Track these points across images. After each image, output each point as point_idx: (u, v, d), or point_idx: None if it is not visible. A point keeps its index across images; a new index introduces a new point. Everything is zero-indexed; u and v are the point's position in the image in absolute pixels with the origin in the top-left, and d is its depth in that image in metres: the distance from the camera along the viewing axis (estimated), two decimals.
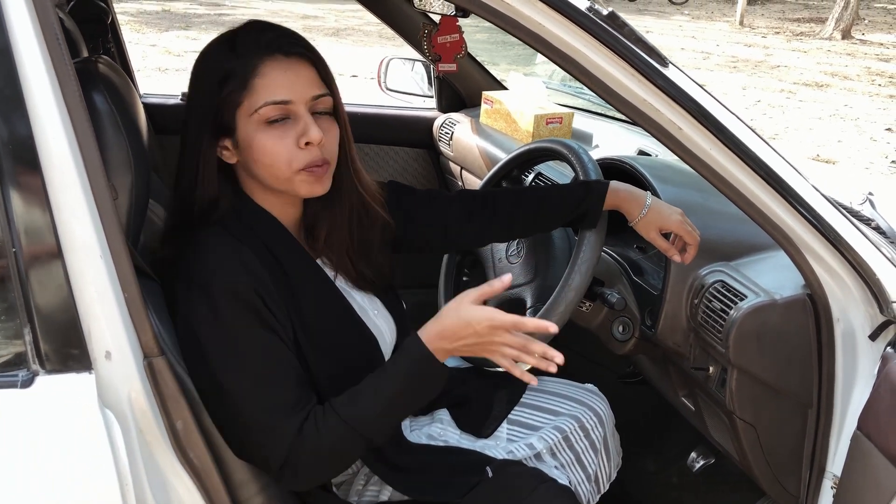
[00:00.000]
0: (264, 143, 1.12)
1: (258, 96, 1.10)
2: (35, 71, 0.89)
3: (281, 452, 1.08)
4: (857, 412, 1.29)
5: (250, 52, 1.11)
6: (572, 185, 1.47)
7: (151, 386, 0.97)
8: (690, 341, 1.49)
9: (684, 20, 17.85)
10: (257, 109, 1.10)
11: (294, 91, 1.12)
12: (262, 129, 1.12)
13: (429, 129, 2.59)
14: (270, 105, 1.10)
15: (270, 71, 1.11)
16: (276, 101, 1.10)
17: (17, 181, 0.88)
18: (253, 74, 1.10)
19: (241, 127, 1.12)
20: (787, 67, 11.57)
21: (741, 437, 1.43)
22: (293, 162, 1.13)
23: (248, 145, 1.13)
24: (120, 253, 0.94)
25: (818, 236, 1.26)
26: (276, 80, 1.11)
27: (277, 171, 1.14)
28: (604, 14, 1.13)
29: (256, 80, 1.10)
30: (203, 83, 1.14)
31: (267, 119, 1.11)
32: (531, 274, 1.57)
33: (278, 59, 1.11)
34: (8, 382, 0.89)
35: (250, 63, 1.10)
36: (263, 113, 1.11)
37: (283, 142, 1.12)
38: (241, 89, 1.11)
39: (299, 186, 1.16)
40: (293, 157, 1.13)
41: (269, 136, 1.11)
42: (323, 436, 1.09)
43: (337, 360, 1.21)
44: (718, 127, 1.18)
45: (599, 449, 1.52)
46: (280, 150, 1.12)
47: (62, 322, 0.91)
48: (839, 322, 1.32)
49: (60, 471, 0.91)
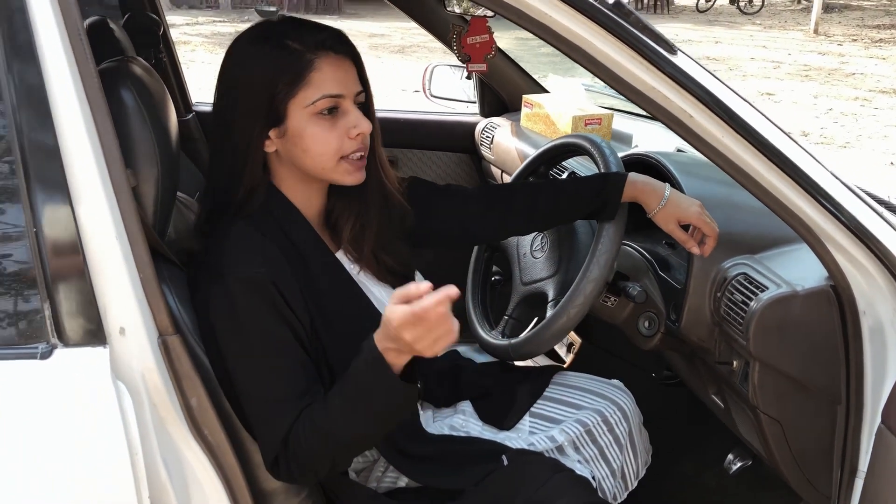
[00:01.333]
0: (316, 132, 1.18)
1: (314, 89, 1.17)
2: (58, 67, 0.95)
3: (274, 444, 1.11)
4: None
5: (305, 47, 1.17)
6: (591, 177, 1.48)
7: (166, 363, 1.02)
8: (715, 336, 1.47)
9: (756, 30, 17.47)
10: (314, 102, 1.17)
11: (345, 86, 1.19)
12: (315, 120, 1.18)
13: (471, 134, 2.62)
14: (327, 98, 1.17)
15: (325, 66, 1.18)
16: (331, 94, 1.18)
17: (39, 166, 0.95)
18: (309, 69, 1.17)
19: (291, 117, 1.18)
20: (863, 75, 11.21)
21: (766, 433, 1.41)
22: (342, 151, 1.20)
23: (299, 135, 1.19)
24: (136, 235, 1.00)
25: (839, 226, 1.23)
26: (330, 75, 1.18)
27: (324, 160, 1.20)
28: (609, 2, 1.14)
29: (313, 74, 1.17)
30: (251, 78, 1.19)
31: (320, 110, 1.18)
32: (554, 268, 1.58)
33: (331, 56, 1.19)
34: (29, 354, 0.95)
35: (305, 58, 1.17)
36: (319, 105, 1.17)
37: (334, 132, 1.19)
38: (297, 82, 1.17)
39: (341, 176, 1.23)
40: (342, 145, 1.20)
41: (321, 127, 1.19)
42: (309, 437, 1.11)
43: (354, 351, 1.24)
44: (730, 114, 1.18)
45: (625, 444, 1.51)
46: (331, 139, 1.19)
47: (79, 299, 0.97)
48: (865, 315, 1.29)
49: (74, 437, 0.97)
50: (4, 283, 0.98)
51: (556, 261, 1.59)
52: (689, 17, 20.88)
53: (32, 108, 0.96)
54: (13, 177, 0.96)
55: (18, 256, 0.97)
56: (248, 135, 1.19)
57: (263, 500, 1.19)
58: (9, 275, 0.98)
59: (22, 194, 0.94)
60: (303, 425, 1.11)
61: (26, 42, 0.95)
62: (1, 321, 0.98)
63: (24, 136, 0.95)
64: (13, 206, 0.96)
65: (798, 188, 1.21)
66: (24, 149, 0.94)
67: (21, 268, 0.97)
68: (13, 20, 0.95)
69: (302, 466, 1.13)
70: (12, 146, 0.96)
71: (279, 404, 1.13)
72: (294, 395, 1.13)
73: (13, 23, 0.95)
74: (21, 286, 0.97)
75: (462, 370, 1.57)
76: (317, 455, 1.12)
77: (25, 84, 0.95)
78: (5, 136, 0.96)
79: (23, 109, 0.96)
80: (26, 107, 0.96)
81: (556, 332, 1.44)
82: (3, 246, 0.99)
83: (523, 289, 1.64)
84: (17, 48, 0.95)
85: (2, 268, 0.98)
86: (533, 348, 1.50)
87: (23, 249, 0.96)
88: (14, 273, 0.98)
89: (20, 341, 0.97)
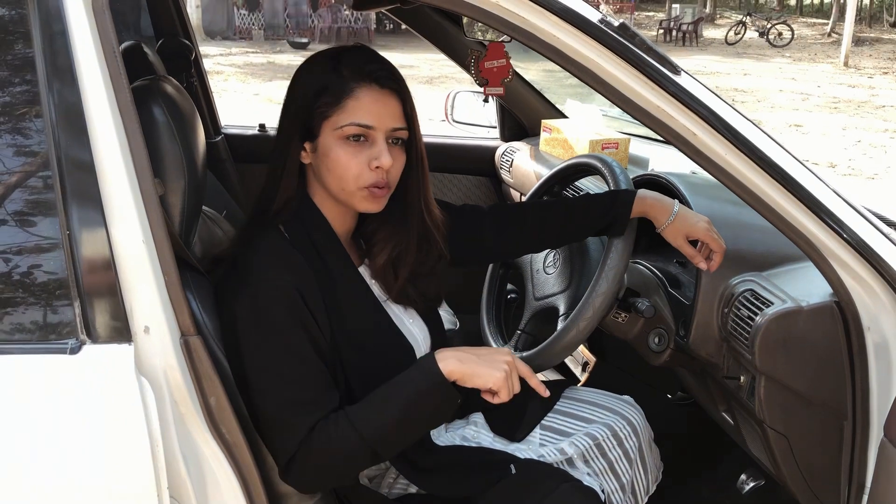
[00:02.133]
0: (340, 155, 1.24)
1: (347, 115, 1.23)
2: (94, 84, 1.02)
3: (290, 448, 1.16)
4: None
5: (351, 74, 1.24)
6: (601, 195, 1.52)
7: (187, 362, 1.08)
8: (723, 351, 1.50)
9: (785, 62, 17.46)
10: (342, 126, 1.23)
11: (378, 119, 1.24)
12: (342, 144, 1.24)
13: (491, 158, 2.68)
14: (355, 125, 1.23)
15: (364, 96, 1.23)
16: (360, 123, 1.23)
17: (74, 173, 1.02)
18: (348, 95, 1.23)
19: (323, 135, 1.25)
20: (893, 107, 11.17)
21: (774, 448, 1.43)
22: (360, 179, 1.25)
23: (326, 154, 1.25)
24: (162, 241, 1.06)
25: (842, 243, 1.26)
26: (366, 106, 1.23)
27: (344, 184, 1.25)
28: (615, 25, 1.19)
29: (349, 101, 1.23)
30: (302, 90, 1.27)
31: (348, 135, 1.23)
32: (566, 283, 1.62)
33: (373, 88, 1.24)
34: (59, 349, 1.01)
35: (348, 84, 1.23)
36: (347, 130, 1.23)
37: (357, 159, 1.24)
38: (334, 105, 1.23)
39: (359, 202, 1.27)
40: (361, 174, 1.24)
41: (345, 151, 1.24)
42: (332, 440, 1.16)
43: (372, 364, 1.28)
44: (733, 132, 1.22)
45: (634, 459, 1.53)
46: (352, 165, 1.24)
47: (107, 298, 1.03)
48: (870, 330, 1.31)
49: (98, 427, 1.02)
50: (38, 283, 1.05)
51: (567, 276, 1.63)
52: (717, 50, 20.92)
53: (70, 122, 1.03)
54: (49, 185, 1.02)
55: (52, 259, 1.04)
56: (287, 142, 1.27)
57: (277, 501, 1.23)
58: (43, 275, 1.04)
59: (57, 201, 1.01)
60: (335, 427, 1.15)
61: (66, 63, 1.02)
62: (34, 318, 1.04)
63: (60, 147, 1.01)
64: (49, 211, 1.03)
65: (801, 205, 1.25)
66: (60, 159, 1.01)
67: (54, 269, 1.03)
68: (55, 43, 1.02)
69: (318, 470, 1.17)
70: (49, 156, 1.02)
71: (299, 408, 1.17)
72: (312, 398, 1.18)
73: (55, 45, 1.02)
74: (54, 286, 1.04)
75: None
76: (334, 458, 1.16)
77: (65, 100, 1.02)
78: (44, 146, 1.03)
79: (61, 122, 1.03)
80: (64, 120, 1.03)
81: (566, 345, 1.48)
82: (39, 249, 1.05)
83: (536, 304, 1.68)
84: (58, 69, 1.02)
85: (37, 268, 1.05)
86: (544, 361, 1.54)
87: (57, 252, 1.02)
88: (48, 273, 1.04)
89: (51, 337, 1.03)
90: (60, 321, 1.03)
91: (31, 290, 1.05)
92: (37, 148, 1.05)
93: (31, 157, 1.07)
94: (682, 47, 21.77)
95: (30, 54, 1.03)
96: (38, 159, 1.05)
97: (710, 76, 14.61)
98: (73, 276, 1.02)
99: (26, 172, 1.07)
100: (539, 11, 1.16)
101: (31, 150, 1.06)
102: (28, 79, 1.05)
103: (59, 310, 1.03)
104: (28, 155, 1.07)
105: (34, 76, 1.03)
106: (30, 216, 1.06)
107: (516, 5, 1.15)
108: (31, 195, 1.06)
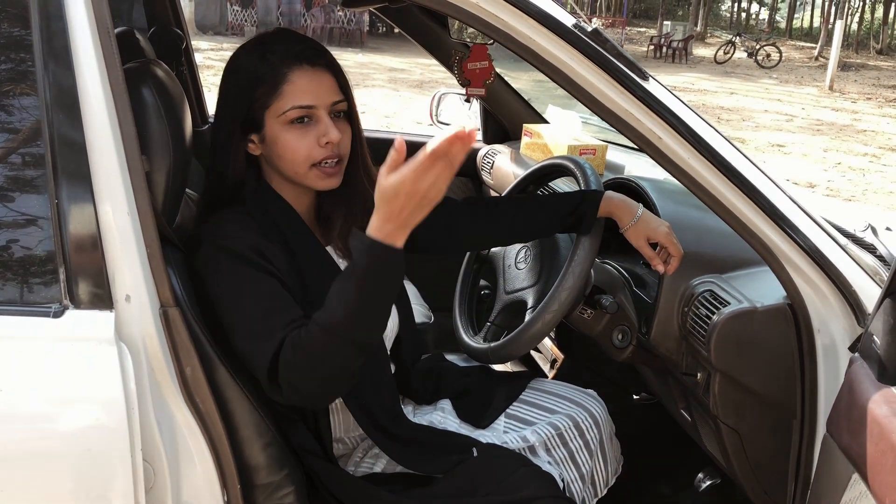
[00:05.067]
0: (287, 140, 1.29)
1: (286, 100, 1.27)
2: (89, 65, 1.07)
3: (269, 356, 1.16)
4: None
5: (281, 60, 1.28)
6: (570, 193, 1.58)
7: (165, 331, 1.13)
8: (682, 349, 1.56)
9: (772, 83, 17.68)
10: (285, 112, 1.27)
11: (317, 97, 1.29)
12: (287, 129, 1.28)
13: (473, 159, 2.74)
14: (297, 108, 1.27)
15: (298, 79, 1.28)
16: (301, 105, 1.28)
17: (64, 147, 1.06)
18: (283, 81, 1.27)
19: (268, 125, 1.29)
20: (874, 132, 11.34)
21: (726, 442, 1.49)
22: (311, 158, 1.29)
23: (274, 141, 1.30)
24: (146, 214, 1.11)
25: (796, 248, 1.33)
26: (303, 88, 1.28)
27: (296, 166, 1.30)
28: (588, 30, 1.25)
29: (285, 86, 1.27)
30: (235, 85, 1.31)
31: (291, 119, 1.28)
32: (535, 278, 1.68)
33: (305, 69, 1.29)
34: (43, 312, 1.06)
35: (280, 70, 1.27)
36: (290, 115, 1.27)
37: (305, 140, 1.29)
38: (272, 93, 1.28)
39: (315, 181, 1.32)
40: (311, 153, 1.29)
41: (292, 135, 1.29)
42: (305, 342, 1.14)
43: None
44: (696, 138, 1.28)
45: (594, 451, 1.59)
46: (301, 147, 1.29)
47: (91, 266, 1.07)
48: (819, 332, 1.38)
49: (79, 388, 1.07)
50: (27, 250, 1.09)
51: (537, 272, 1.69)
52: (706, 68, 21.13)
53: (63, 100, 1.07)
54: (41, 157, 1.07)
55: (41, 227, 1.08)
56: (228, 135, 1.31)
57: (248, 473, 1.28)
58: (32, 242, 1.09)
59: (48, 173, 1.06)
60: (305, 332, 1.14)
61: (62, 44, 1.07)
62: (21, 282, 1.09)
63: (53, 124, 1.06)
64: (39, 182, 1.08)
65: (759, 211, 1.31)
66: (52, 134, 1.06)
67: (42, 236, 1.08)
68: (52, 24, 1.07)
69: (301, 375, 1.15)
70: (42, 130, 1.07)
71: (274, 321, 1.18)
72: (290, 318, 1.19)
73: (52, 26, 1.07)
74: (41, 253, 1.08)
75: (444, 370, 1.66)
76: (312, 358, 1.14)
77: (59, 80, 1.07)
78: (37, 122, 1.08)
79: (54, 100, 1.07)
80: (58, 98, 1.07)
81: (531, 337, 1.54)
82: (28, 218, 1.10)
83: (506, 297, 1.74)
84: (54, 49, 1.07)
85: (25, 235, 1.09)
86: (510, 351, 1.59)
87: (45, 221, 1.07)
88: (36, 240, 1.09)
89: (36, 301, 1.08)
90: (45, 286, 1.07)
91: (20, 256, 1.10)
92: (31, 123, 1.09)
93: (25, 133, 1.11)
94: (671, 64, 21.98)
95: (27, 34, 1.08)
96: (31, 134, 1.10)
97: (698, 94, 14.78)
98: (59, 245, 1.06)
99: (20, 146, 1.12)
100: (518, 14, 1.22)
101: (26, 126, 1.11)
102: (25, 58, 1.09)
103: (45, 276, 1.08)
104: (22, 130, 1.12)
105: (31, 56, 1.08)
106: (21, 186, 1.11)
107: (496, 7, 1.21)
108: (23, 168, 1.11)
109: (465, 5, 1.21)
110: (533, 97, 2.81)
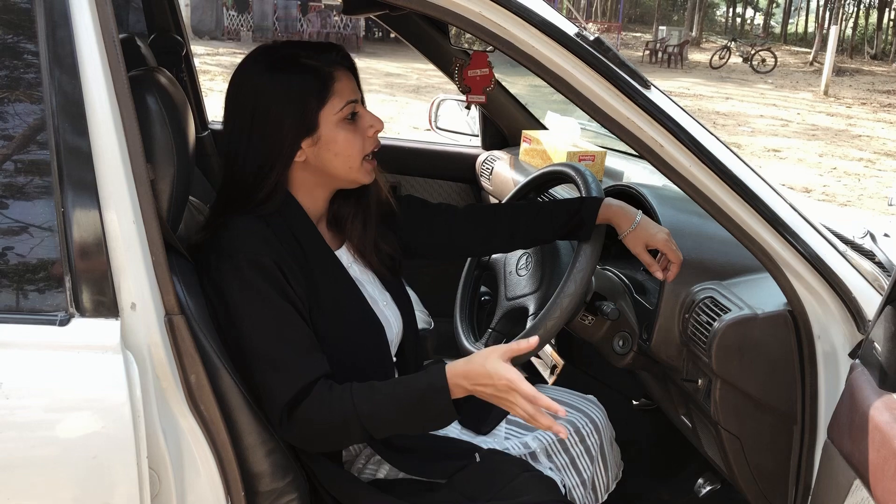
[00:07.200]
0: (345, 136, 1.34)
1: (339, 98, 1.32)
2: (94, 73, 1.08)
3: (290, 390, 1.22)
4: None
5: (321, 62, 1.31)
6: (570, 200, 1.59)
7: (170, 339, 1.13)
8: (683, 355, 1.57)
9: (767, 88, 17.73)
10: (341, 109, 1.32)
11: (356, 92, 1.36)
12: (342, 126, 1.33)
13: (472, 165, 2.75)
14: (351, 104, 1.33)
15: (341, 76, 1.33)
16: (352, 100, 1.34)
17: (70, 155, 1.07)
18: (332, 80, 1.31)
19: (323, 125, 1.32)
20: (869, 137, 11.39)
21: (727, 448, 1.49)
22: (364, 149, 1.36)
23: (331, 140, 1.33)
24: (151, 223, 1.11)
25: (797, 255, 1.34)
26: (347, 85, 1.34)
27: (352, 161, 1.35)
28: (590, 39, 1.26)
29: (335, 85, 1.32)
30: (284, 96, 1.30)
31: (346, 116, 1.33)
32: (536, 285, 1.69)
33: (342, 70, 1.34)
34: (49, 320, 1.07)
35: (325, 71, 1.31)
36: (345, 111, 1.33)
37: (357, 134, 1.35)
38: (326, 94, 1.31)
39: (363, 175, 1.38)
40: (364, 145, 1.36)
41: (347, 131, 1.34)
42: (333, 401, 1.22)
43: (346, 341, 1.35)
44: (697, 145, 1.29)
45: (595, 456, 1.60)
46: (356, 140, 1.35)
47: (96, 274, 1.08)
48: (820, 339, 1.39)
49: (84, 396, 1.07)
50: (33, 258, 1.09)
51: (538, 278, 1.69)
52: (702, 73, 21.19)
53: (69, 108, 1.08)
54: (48, 165, 1.07)
55: (47, 235, 1.09)
56: (281, 147, 1.31)
57: (251, 480, 1.28)
58: (38, 251, 1.09)
59: (54, 181, 1.06)
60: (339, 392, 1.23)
61: (68, 51, 1.07)
62: (28, 291, 1.09)
63: (59, 131, 1.07)
64: (45, 192, 1.08)
65: (760, 218, 1.32)
66: (58, 142, 1.06)
67: (48, 245, 1.08)
68: (58, 31, 1.07)
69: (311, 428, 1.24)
70: (48, 138, 1.08)
71: (295, 351, 1.25)
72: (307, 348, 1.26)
73: (58, 34, 1.07)
74: (47, 262, 1.08)
75: None
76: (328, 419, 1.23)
77: (65, 87, 1.07)
78: (43, 130, 1.08)
79: (60, 108, 1.08)
80: (64, 106, 1.08)
81: None
82: (34, 227, 1.10)
83: (507, 304, 1.74)
84: (60, 57, 1.07)
85: (32, 244, 1.09)
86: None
87: (51, 230, 1.07)
88: (42, 248, 1.09)
89: (43, 309, 1.08)
90: (52, 295, 1.08)
91: (26, 264, 1.10)
92: (37, 131, 1.10)
93: (31, 140, 1.12)
94: (667, 69, 22.04)
95: (33, 42, 1.08)
96: (37, 141, 1.10)
97: (694, 99, 14.83)
98: (65, 253, 1.07)
99: (26, 153, 1.12)
100: (520, 23, 1.22)
101: (32, 133, 1.11)
102: (31, 65, 1.10)
103: (51, 284, 1.08)
104: (28, 137, 1.12)
105: (37, 63, 1.08)
106: (27, 194, 1.11)
107: (499, 16, 1.22)
108: (29, 176, 1.11)
109: (468, 14, 1.22)
110: (529, 102, 2.82)
